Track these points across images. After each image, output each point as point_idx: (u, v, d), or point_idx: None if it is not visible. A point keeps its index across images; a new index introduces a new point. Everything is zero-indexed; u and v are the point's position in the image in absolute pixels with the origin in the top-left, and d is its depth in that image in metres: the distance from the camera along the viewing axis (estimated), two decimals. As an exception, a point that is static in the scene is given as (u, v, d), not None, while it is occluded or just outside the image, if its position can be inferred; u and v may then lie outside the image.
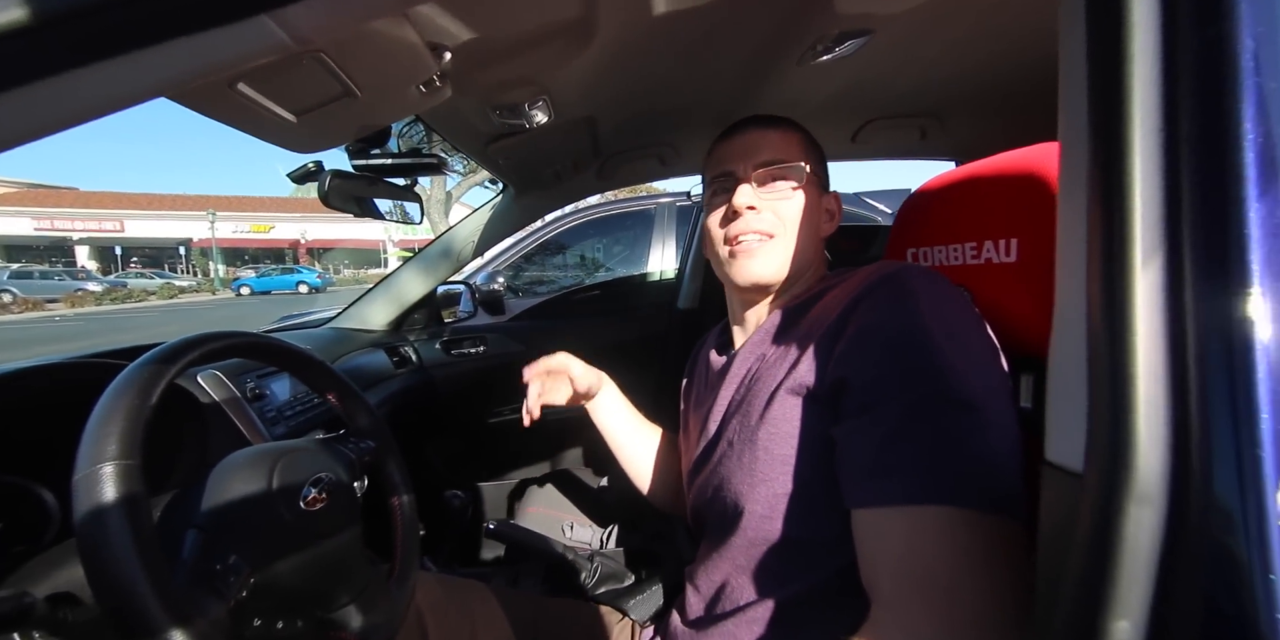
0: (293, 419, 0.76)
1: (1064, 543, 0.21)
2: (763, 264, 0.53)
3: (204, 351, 0.43)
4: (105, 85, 0.24)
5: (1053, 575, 0.22)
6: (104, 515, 0.31)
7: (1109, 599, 0.19)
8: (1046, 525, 0.23)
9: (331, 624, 0.47)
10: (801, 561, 0.44)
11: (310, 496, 0.46)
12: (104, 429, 0.33)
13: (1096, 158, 0.21)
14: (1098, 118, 0.21)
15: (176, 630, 0.31)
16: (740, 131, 0.56)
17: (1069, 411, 0.22)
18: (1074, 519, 0.20)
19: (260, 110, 0.42)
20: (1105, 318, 0.20)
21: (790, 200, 0.53)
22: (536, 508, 1.09)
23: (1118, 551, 0.19)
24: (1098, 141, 0.21)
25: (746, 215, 0.53)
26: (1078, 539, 0.20)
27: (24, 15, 0.22)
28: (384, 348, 1.20)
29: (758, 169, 0.53)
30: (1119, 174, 0.20)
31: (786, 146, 0.54)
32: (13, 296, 13.66)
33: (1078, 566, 0.20)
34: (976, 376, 0.37)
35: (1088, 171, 0.21)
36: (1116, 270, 0.19)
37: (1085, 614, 0.19)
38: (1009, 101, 0.87)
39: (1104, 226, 0.20)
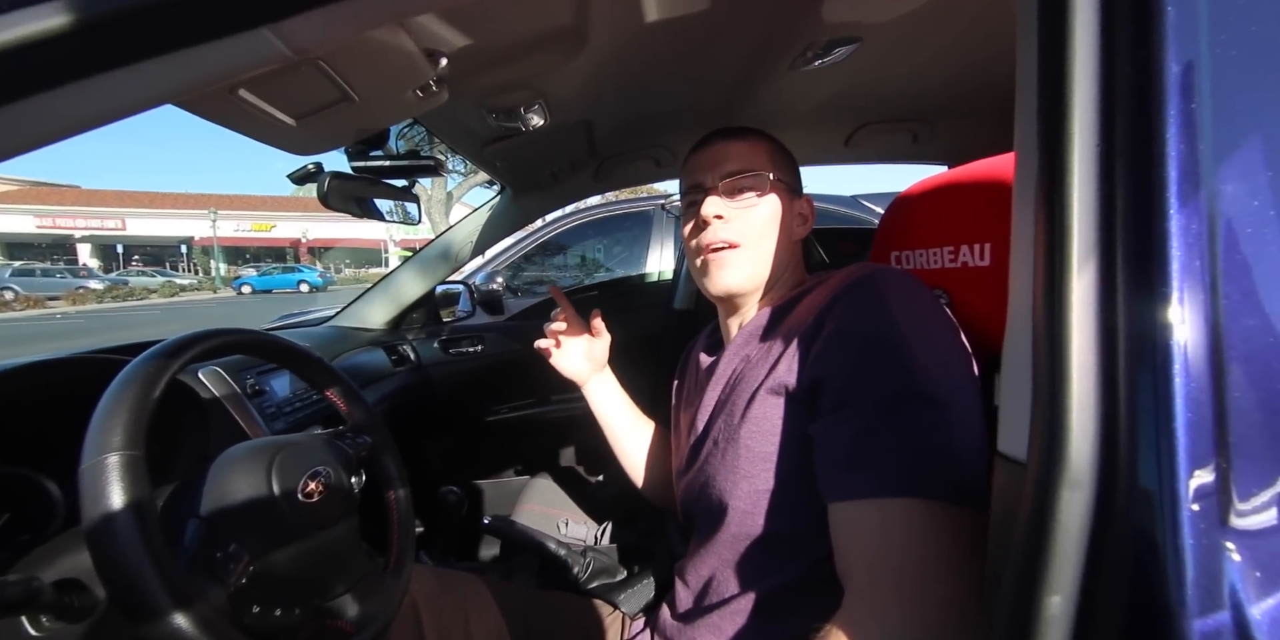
0: (292, 415, 0.77)
1: (1009, 527, 0.23)
2: (732, 274, 0.55)
3: (206, 347, 0.45)
4: (112, 94, 0.26)
5: (999, 556, 0.23)
6: (109, 503, 0.32)
7: (1044, 576, 0.20)
8: (996, 511, 0.24)
9: (328, 613, 0.48)
10: (782, 554, 0.45)
11: (308, 488, 0.47)
12: (109, 421, 0.35)
13: (1044, 168, 0.22)
14: (1046, 130, 0.23)
15: (179, 613, 0.32)
16: (707, 144, 0.58)
17: (1017, 405, 0.23)
18: (1018, 504, 0.22)
19: (260, 115, 0.44)
20: (1046, 317, 0.21)
21: (756, 209, 0.54)
22: (532, 505, 1.11)
23: (1052, 532, 0.20)
24: (1045, 153, 0.22)
25: (714, 225, 0.54)
26: (1020, 523, 0.22)
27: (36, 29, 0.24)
28: (383, 346, 1.22)
29: (724, 179, 0.55)
30: (1061, 183, 0.21)
31: (752, 156, 0.56)
32: (15, 294, 13.69)
33: (1019, 548, 0.22)
34: (943, 374, 0.39)
35: (1036, 180, 0.23)
36: (1057, 273, 0.21)
37: (1024, 591, 0.21)
38: (997, 106, 0.88)
39: (1047, 232, 0.22)
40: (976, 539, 0.34)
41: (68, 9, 0.24)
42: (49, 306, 13.00)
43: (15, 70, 0.24)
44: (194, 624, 0.33)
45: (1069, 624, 0.20)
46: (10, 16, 0.23)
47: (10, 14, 0.23)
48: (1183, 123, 0.19)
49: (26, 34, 0.24)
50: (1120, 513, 0.19)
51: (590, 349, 0.76)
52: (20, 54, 0.24)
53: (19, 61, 0.24)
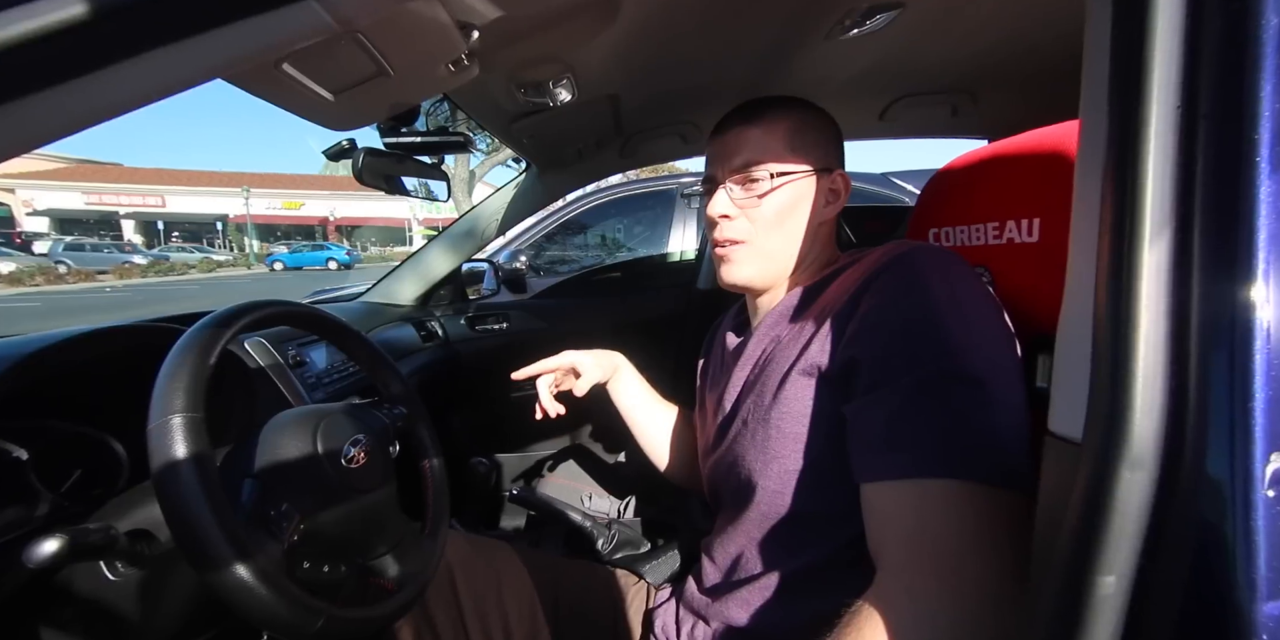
0: (330, 386, 0.81)
1: (1059, 506, 0.22)
2: (739, 269, 0.54)
3: (255, 318, 0.47)
4: (169, 68, 0.27)
5: (1048, 536, 0.23)
6: (176, 460, 0.34)
7: (1097, 556, 0.20)
8: (1045, 491, 0.24)
9: (371, 571, 0.51)
10: (811, 534, 0.46)
11: (350, 454, 0.49)
12: (172, 384, 0.37)
13: (1114, 134, 0.21)
14: (1118, 94, 0.21)
15: (240, 564, 0.35)
16: (721, 132, 0.56)
17: (1072, 383, 0.23)
18: (1070, 484, 0.22)
19: (302, 89, 0.44)
20: (1112, 292, 0.20)
21: (763, 205, 0.52)
22: (557, 478, 1.14)
23: (1109, 512, 0.20)
24: (1116, 118, 0.21)
25: (721, 223, 0.54)
26: (1073, 502, 0.21)
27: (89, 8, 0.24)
28: (412, 322, 1.25)
29: (733, 173, 0.53)
30: (1135, 151, 0.20)
31: (767, 143, 0.52)
32: (68, 267, 14.42)
33: (1071, 527, 0.21)
34: (983, 353, 0.38)
35: (1105, 148, 0.21)
36: (1125, 246, 0.20)
37: (1075, 570, 0.21)
38: (1043, 76, 0.83)
39: (1116, 203, 0.20)
40: (1017, 521, 0.34)
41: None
42: (99, 280, 13.68)
43: (76, 47, 0.25)
44: (254, 574, 0.35)
45: (1122, 604, 0.20)
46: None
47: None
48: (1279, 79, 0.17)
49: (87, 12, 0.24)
50: (1184, 493, 0.19)
51: (583, 379, 0.72)
52: (82, 31, 0.25)
53: (80, 39, 0.25)
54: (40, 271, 12.98)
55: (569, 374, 0.73)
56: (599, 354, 0.74)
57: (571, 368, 0.72)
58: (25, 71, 0.25)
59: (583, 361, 0.72)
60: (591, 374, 0.71)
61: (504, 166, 10.91)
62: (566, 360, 0.72)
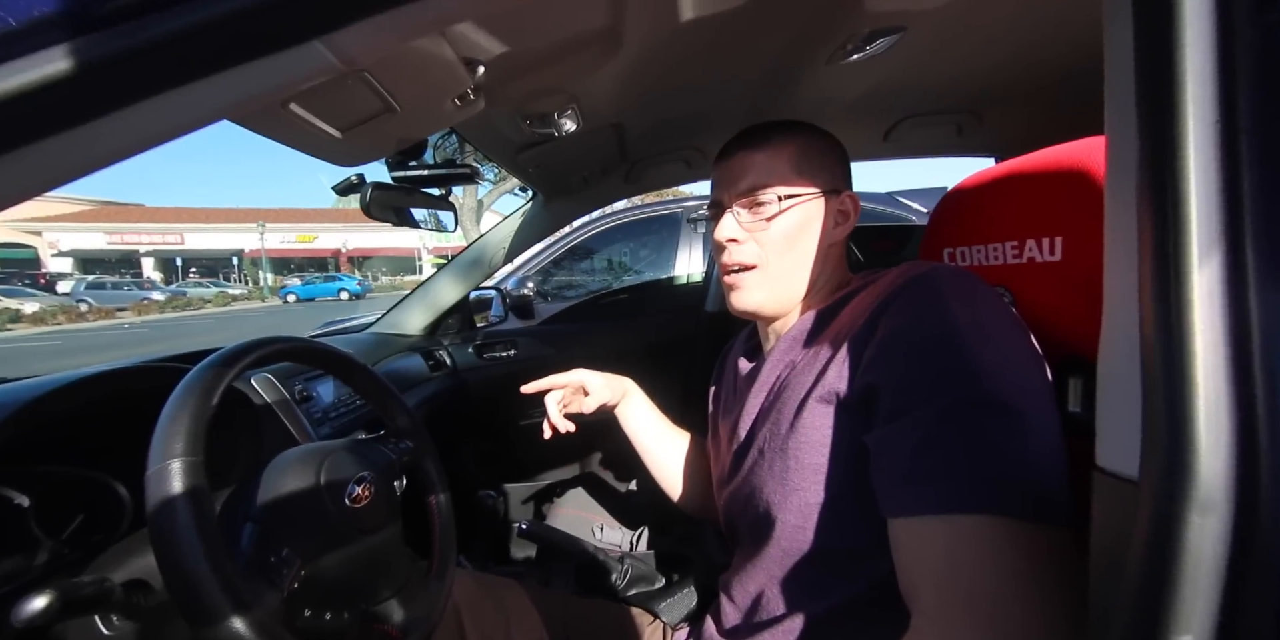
0: (337, 420, 0.80)
1: (1119, 553, 0.20)
2: (749, 296, 0.53)
3: (259, 355, 0.46)
4: (176, 111, 0.27)
5: (1108, 587, 0.21)
6: (172, 508, 0.33)
7: (1171, 612, 0.18)
8: (1100, 535, 0.22)
9: (375, 617, 0.49)
10: (837, 571, 0.43)
11: (355, 493, 0.48)
12: (172, 428, 0.36)
13: (1146, 152, 0.20)
14: (1147, 110, 0.20)
15: (236, 617, 0.33)
16: (727, 156, 0.56)
17: (1121, 415, 0.21)
18: (1130, 528, 0.19)
19: (309, 128, 0.45)
20: (1160, 317, 0.19)
21: (770, 229, 0.52)
22: (566, 509, 1.11)
23: (1179, 562, 0.18)
24: (1148, 135, 0.20)
25: (729, 248, 0.53)
26: (1134, 549, 0.19)
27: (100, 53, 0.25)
28: (420, 352, 1.25)
29: (739, 197, 0.53)
30: (1171, 169, 0.19)
31: (771, 168, 0.52)
32: (89, 306, 14.79)
33: (1135, 578, 0.19)
34: (1012, 378, 0.36)
35: (1137, 166, 0.20)
36: (1171, 269, 0.18)
37: (1144, 628, 0.18)
38: (1050, 92, 0.83)
39: (1156, 223, 0.19)
40: (1059, 559, 0.31)
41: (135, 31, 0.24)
42: (118, 317, 14.00)
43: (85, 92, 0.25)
44: (250, 628, 0.33)
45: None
46: (77, 41, 0.24)
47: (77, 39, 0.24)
48: None
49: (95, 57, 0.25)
50: (1265, 539, 0.17)
51: (591, 398, 0.72)
52: (89, 76, 0.25)
53: (89, 84, 0.25)
54: (62, 311, 13.32)
55: (577, 393, 0.72)
56: (609, 376, 0.73)
57: (580, 386, 0.71)
58: (37, 117, 0.25)
59: (592, 381, 0.71)
60: (600, 394, 0.70)
61: (512, 195, 11.15)
62: (576, 378, 0.71)
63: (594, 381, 0.71)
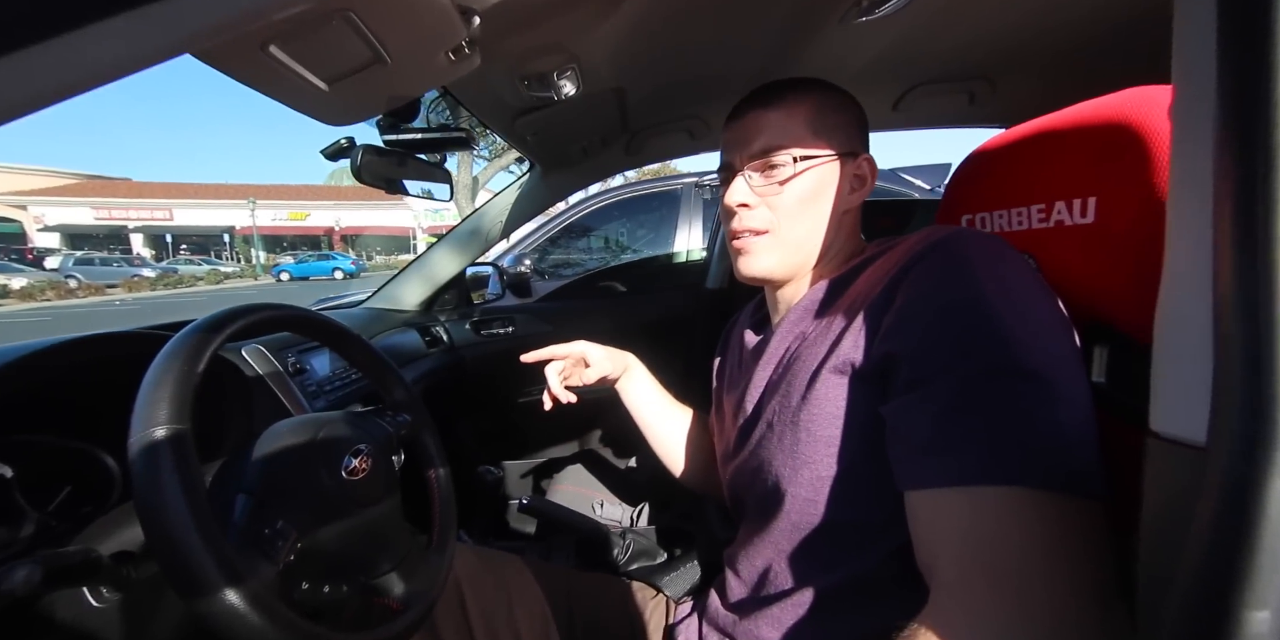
0: (332, 393, 0.78)
1: (1179, 524, 0.19)
2: (759, 261, 0.51)
3: (248, 322, 0.44)
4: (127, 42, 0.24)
5: (1164, 560, 0.19)
6: (158, 476, 0.32)
7: (1246, 586, 0.17)
8: (1156, 504, 0.20)
9: (374, 590, 0.48)
10: (848, 546, 0.42)
11: (351, 466, 0.46)
12: (155, 394, 0.34)
13: (1229, 95, 0.18)
14: (1233, 53, 0.18)
15: (229, 589, 0.32)
16: (739, 116, 0.53)
17: (1184, 376, 0.19)
18: (1193, 496, 0.18)
19: (292, 77, 0.42)
20: (1241, 271, 0.17)
21: (784, 193, 0.49)
22: (566, 485, 1.11)
23: (1258, 531, 0.16)
24: (1231, 79, 0.18)
25: (740, 213, 0.51)
26: (1200, 519, 0.18)
27: None
28: (416, 327, 1.22)
29: (751, 160, 0.50)
30: (1266, 114, 0.16)
31: (786, 128, 0.49)
32: (78, 282, 14.59)
33: (1201, 550, 0.18)
34: (1042, 344, 0.34)
35: (1217, 113, 0.18)
36: (1260, 218, 0.16)
37: (1212, 603, 0.17)
38: (1064, 58, 0.80)
39: (1242, 171, 0.17)
40: (1091, 532, 0.30)
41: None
42: (108, 293, 13.83)
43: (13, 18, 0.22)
44: (244, 600, 0.32)
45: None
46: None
47: None
48: None
49: None
50: None
51: (592, 370, 0.70)
52: None
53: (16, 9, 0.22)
54: (51, 286, 13.13)
55: (578, 364, 0.71)
56: (610, 349, 0.72)
57: (581, 358, 0.70)
58: None
59: (593, 353, 0.70)
60: (601, 366, 0.69)
61: (507, 172, 10.96)
62: (577, 349, 0.70)
63: (595, 353, 0.70)
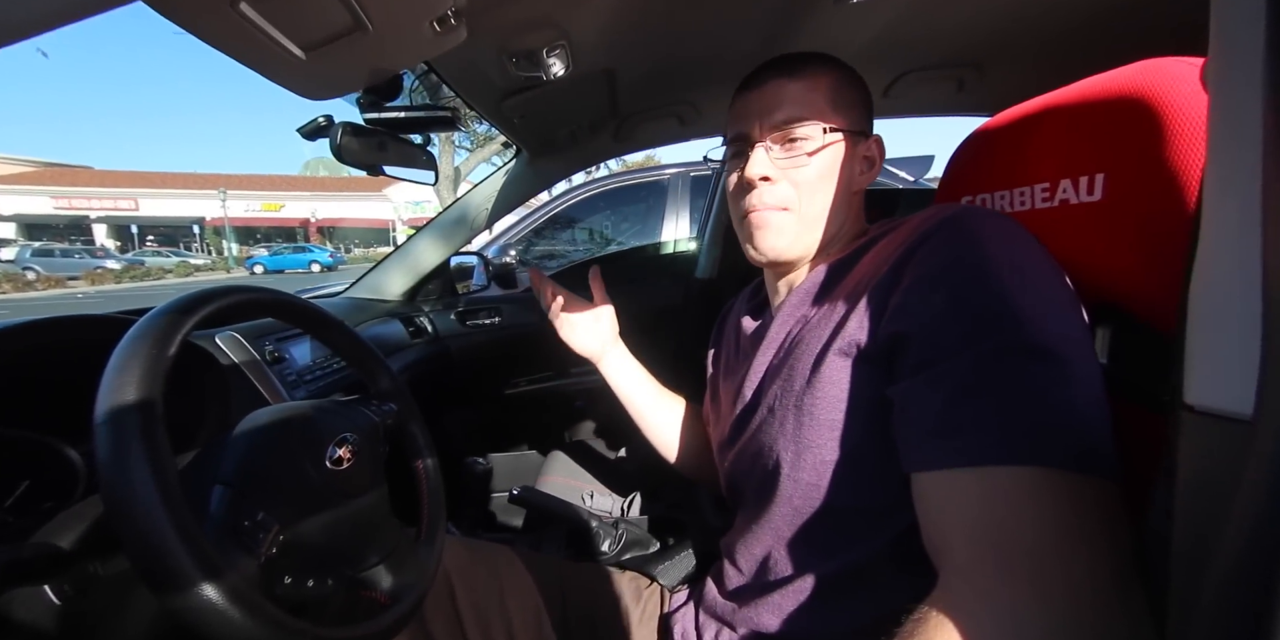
0: (313, 383, 0.75)
1: (1218, 501, 0.18)
2: (778, 239, 0.49)
3: (223, 305, 0.41)
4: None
5: (1201, 540, 0.19)
6: (127, 465, 0.29)
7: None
8: (1191, 482, 0.20)
9: (362, 583, 0.46)
10: (850, 530, 0.41)
11: (336, 455, 0.44)
12: (121, 378, 0.32)
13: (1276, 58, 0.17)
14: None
15: (208, 583, 0.30)
16: (759, 83, 0.50)
17: (1227, 346, 0.18)
18: (1238, 471, 0.18)
19: (266, 41, 0.39)
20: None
21: (808, 166, 0.48)
22: (555, 477, 1.09)
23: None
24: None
25: (760, 187, 0.49)
26: (1245, 493, 0.17)
27: None
28: (399, 318, 1.19)
29: (774, 130, 0.48)
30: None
31: (810, 99, 0.48)
32: (36, 274, 13.94)
33: (1247, 527, 0.17)
34: (1054, 323, 0.34)
35: (1266, 46, 0.17)
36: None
37: (1256, 583, 0.17)
38: (1052, 44, 0.80)
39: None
40: (1107, 512, 0.30)
41: None
42: (69, 286, 13.25)
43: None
44: (224, 595, 0.30)
45: None
46: None
47: None
48: None
49: None
50: None
51: (596, 323, 0.72)
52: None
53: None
54: (7, 279, 12.53)
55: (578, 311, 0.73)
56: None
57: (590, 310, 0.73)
58: None
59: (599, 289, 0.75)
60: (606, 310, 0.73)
61: (489, 164, 10.77)
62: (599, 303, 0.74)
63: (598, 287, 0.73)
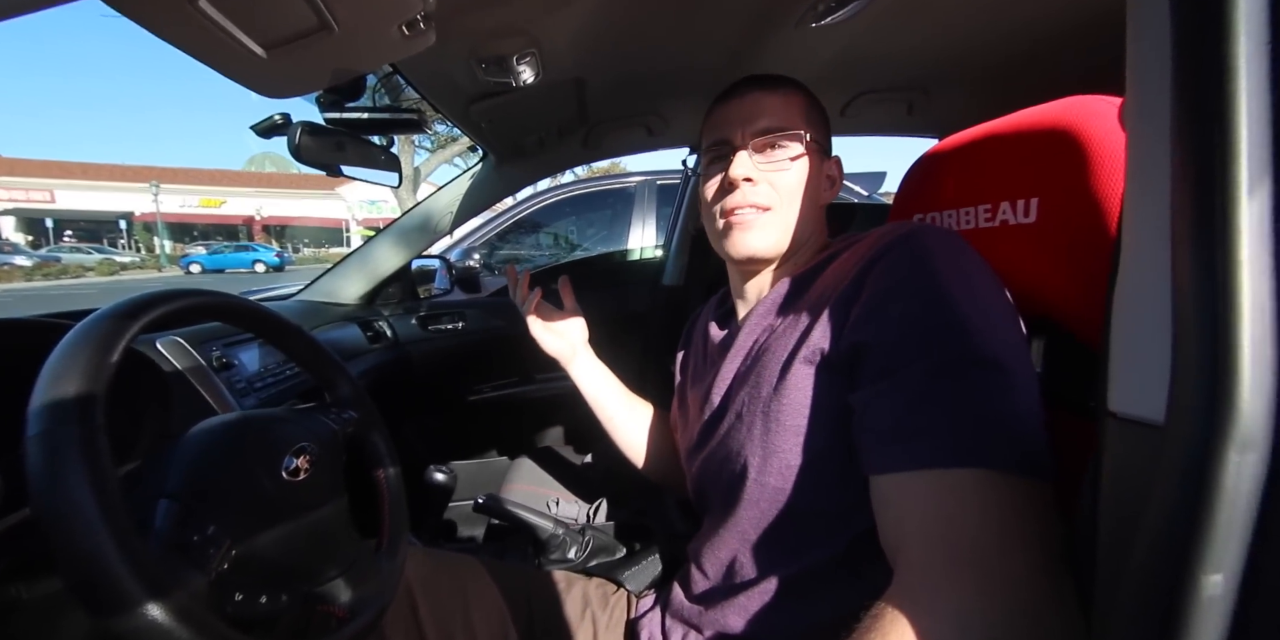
0: (264, 391, 0.71)
1: (1138, 498, 0.20)
2: (759, 237, 0.51)
3: (168, 310, 0.39)
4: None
5: (1122, 533, 0.21)
6: (63, 478, 0.27)
7: (1202, 553, 0.18)
8: (1113, 482, 0.22)
9: (319, 598, 0.45)
10: (813, 533, 0.43)
11: (293, 466, 0.43)
12: (57, 386, 0.30)
13: (1185, 84, 0.19)
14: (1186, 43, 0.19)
15: (152, 603, 0.28)
16: (739, 94, 0.53)
17: (1142, 359, 0.21)
18: (1151, 472, 0.20)
19: (225, 38, 0.38)
20: (1198, 254, 0.18)
21: (789, 171, 0.51)
22: (519, 484, 1.08)
23: (1215, 501, 0.18)
24: (1187, 66, 0.19)
25: (743, 187, 0.51)
26: (1158, 492, 0.19)
27: None
28: (357, 322, 1.15)
29: (756, 137, 0.51)
30: (1221, 99, 0.18)
31: (788, 112, 0.52)
32: (-73, 272, 12.53)
33: (1159, 522, 0.19)
34: (999, 335, 0.37)
35: (1171, 98, 0.20)
36: (1217, 198, 0.18)
37: (1170, 571, 0.19)
38: (994, 71, 0.87)
39: (1198, 155, 0.18)
40: (1044, 511, 0.33)
41: None
42: (-31, 285, 11.96)
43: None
44: (170, 614, 0.29)
45: (1230, 606, 0.18)
46: None
47: None
48: None
49: None
50: None
51: (567, 325, 0.72)
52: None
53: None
54: (-109, 276, 11.20)
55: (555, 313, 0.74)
56: None
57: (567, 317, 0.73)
58: None
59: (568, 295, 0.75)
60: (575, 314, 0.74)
61: (450, 165, 10.51)
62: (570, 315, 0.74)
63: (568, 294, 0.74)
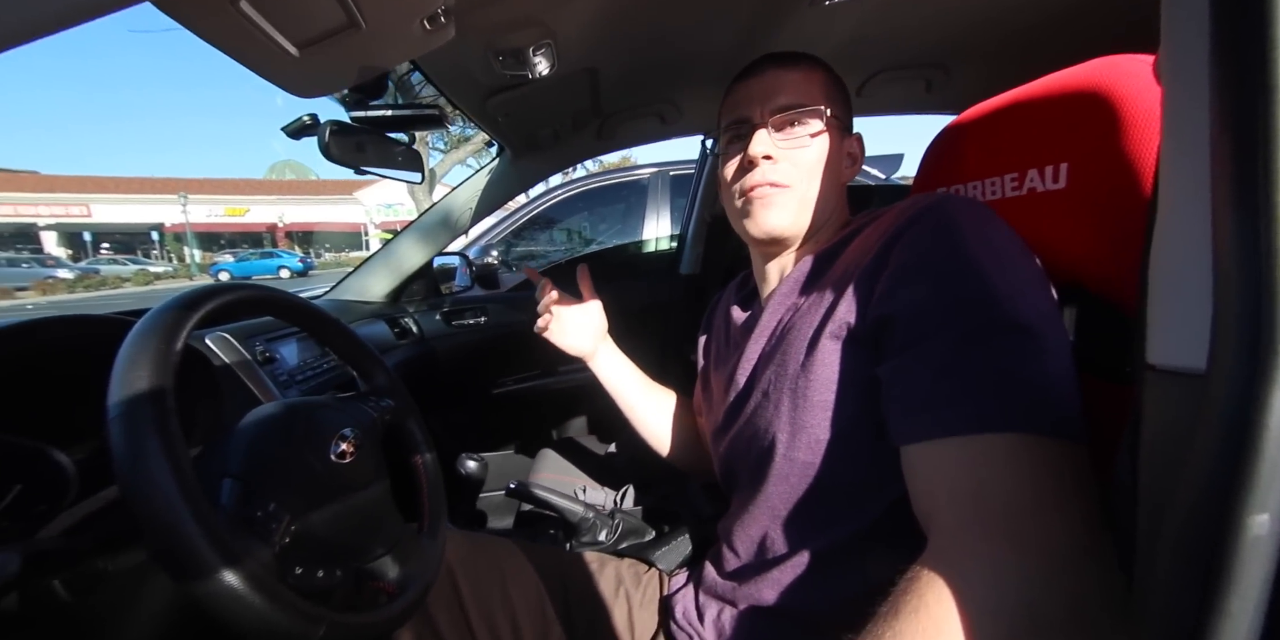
0: (304, 383, 0.75)
1: (1178, 448, 0.21)
2: (779, 215, 0.51)
3: (223, 302, 0.41)
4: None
5: (1164, 484, 0.21)
6: (144, 456, 0.30)
7: (1245, 495, 0.19)
8: (1154, 434, 0.22)
9: (369, 574, 0.47)
10: (843, 505, 0.44)
11: (340, 450, 0.45)
12: (133, 371, 0.32)
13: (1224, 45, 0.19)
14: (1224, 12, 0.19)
15: (228, 570, 0.30)
16: (757, 72, 0.53)
17: (1182, 309, 0.21)
18: (1193, 420, 0.20)
19: (262, 38, 0.39)
20: (1239, 200, 0.18)
21: (808, 148, 0.50)
22: (546, 474, 1.10)
23: (1259, 443, 0.18)
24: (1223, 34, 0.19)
25: (763, 165, 0.50)
26: (1201, 439, 0.20)
27: None
28: (384, 319, 1.18)
29: (775, 114, 0.50)
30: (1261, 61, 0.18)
31: (807, 88, 0.51)
32: (-22, 286, 13.18)
33: (1204, 467, 0.20)
34: (1029, 301, 0.36)
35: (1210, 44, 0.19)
36: (1257, 151, 0.18)
37: (1215, 514, 0.19)
38: (1013, 47, 0.85)
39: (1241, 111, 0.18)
40: (1080, 474, 0.33)
41: None
42: (18, 297, 12.57)
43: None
44: (244, 581, 0.31)
45: (1276, 544, 0.18)
46: None
47: None
48: None
49: None
50: None
51: (587, 321, 0.72)
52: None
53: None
54: (-53, 290, 11.83)
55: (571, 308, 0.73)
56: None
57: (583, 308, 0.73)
58: None
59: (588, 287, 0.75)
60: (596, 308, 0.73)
61: (463, 166, 10.61)
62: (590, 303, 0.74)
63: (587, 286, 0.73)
